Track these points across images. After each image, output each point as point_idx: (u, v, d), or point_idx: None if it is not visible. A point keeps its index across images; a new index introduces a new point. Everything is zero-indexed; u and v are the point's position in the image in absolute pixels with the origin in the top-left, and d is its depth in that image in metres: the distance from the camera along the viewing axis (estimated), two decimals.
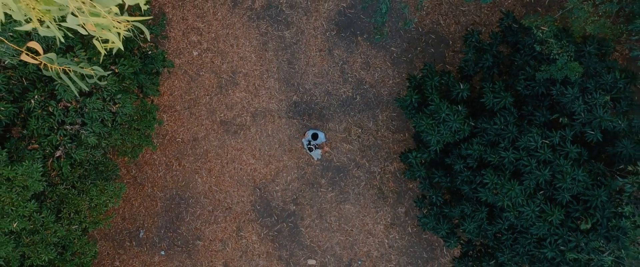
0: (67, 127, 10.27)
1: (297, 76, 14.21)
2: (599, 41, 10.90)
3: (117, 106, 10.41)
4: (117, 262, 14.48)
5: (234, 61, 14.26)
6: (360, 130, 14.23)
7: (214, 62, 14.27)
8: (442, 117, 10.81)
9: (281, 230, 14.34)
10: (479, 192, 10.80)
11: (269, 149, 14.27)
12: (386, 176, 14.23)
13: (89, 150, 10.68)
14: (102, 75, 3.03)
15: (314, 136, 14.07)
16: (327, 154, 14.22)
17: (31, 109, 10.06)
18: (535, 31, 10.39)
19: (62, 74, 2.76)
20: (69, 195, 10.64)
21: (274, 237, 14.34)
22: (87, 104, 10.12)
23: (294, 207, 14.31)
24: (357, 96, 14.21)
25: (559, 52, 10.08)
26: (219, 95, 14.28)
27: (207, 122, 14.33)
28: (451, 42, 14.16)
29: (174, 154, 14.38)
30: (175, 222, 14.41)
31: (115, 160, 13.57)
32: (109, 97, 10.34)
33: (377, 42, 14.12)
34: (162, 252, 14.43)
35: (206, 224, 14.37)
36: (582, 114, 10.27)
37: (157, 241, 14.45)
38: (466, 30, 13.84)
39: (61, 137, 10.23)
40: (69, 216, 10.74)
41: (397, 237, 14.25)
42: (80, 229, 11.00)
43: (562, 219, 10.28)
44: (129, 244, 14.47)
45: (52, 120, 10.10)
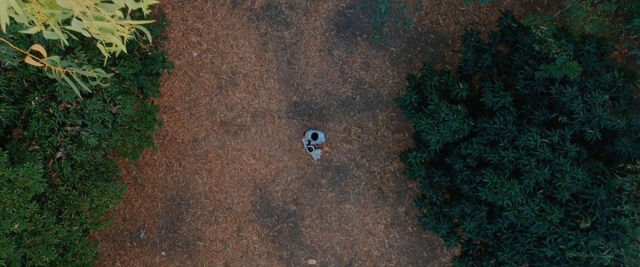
0: (68, 128, 10.29)
1: (297, 76, 14.23)
2: (598, 40, 10.91)
3: (117, 107, 10.42)
4: (118, 263, 14.50)
5: (233, 62, 14.28)
6: (360, 130, 14.24)
7: (213, 63, 14.29)
8: (441, 117, 10.82)
9: (281, 230, 14.36)
10: (479, 192, 10.82)
11: (269, 149, 14.29)
12: (386, 176, 14.25)
13: (90, 151, 10.69)
14: (104, 77, 3.06)
15: (314, 136, 14.08)
16: (327, 154, 14.23)
17: (32, 111, 10.08)
18: (534, 30, 10.40)
19: (65, 76, 2.79)
20: (70, 196, 10.66)
21: (274, 237, 14.35)
22: (87, 106, 10.14)
23: (295, 207, 14.33)
24: (357, 96, 14.23)
25: (558, 51, 10.10)
26: (219, 95, 14.30)
27: (207, 123, 14.34)
28: (450, 42, 14.18)
29: (174, 155, 14.39)
30: (175, 223, 14.43)
31: (115, 161, 13.58)
32: (109, 99, 10.36)
33: (377, 42, 14.14)
34: (163, 253, 14.44)
35: (207, 224, 14.38)
36: (581, 113, 10.28)
37: (157, 242, 14.46)
38: (465, 29, 13.86)
39: (62, 139, 10.25)
40: (69, 217, 10.75)
41: (398, 236, 14.26)
42: (81, 230, 11.01)
43: (561, 217, 10.29)
44: (129, 244, 14.48)
45: (52, 121, 10.12)
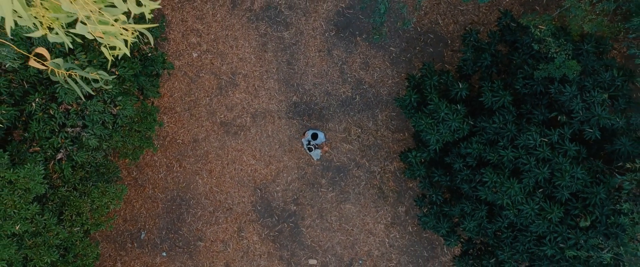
0: (68, 129, 10.31)
1: (297, 77, 14.25)
2: (597, 39, 10.93)
3: (117, 108, 10.45)
4: (119, 264, 14.52)
5: (233, 62, 14.30)
6: (360, 130, 14.27)
7: (213, 64, 14.31)
8: (441, 117, 10.84)
9: (282, 230, 14.38)
10: (479, 191, 10.84)
11: (269, 149, 14.31)
12: (386, 176, 14.27)
13: (90, 152, 10.72)
14: (107, 79, 3.10)
15: (314, 136, 14.10)
16: (327, 154, 14.26)
17: (32, 112, 10.10)
18: (533, 30, 10.42)
19: (68, 78, 2.83)
20: (71, 197, 10.68)
21: (274, 237, 14.37)
22: (88, 107, 10.16)
23: (295, 207, 14.35)
24: (357, 96, 14.25)
25: (557, 50, 10.12)
26: (218, 96, 14.32)
27: (207, 124, 14.36)
28: (450, 42, 14.21)
29: (175, 156, 14.42)
30: (176, 224, 14.45)
31: (116, 162, 13.61)
32: (109, 100, 10.38)
33: (376, 42, 14.17)
34: (164, 254, 14.47)
35: (207, 225, 14.40)
36: (581, 112, 10.30)
37: (158, 242, 14.48)
38: (464, 29, 13.88)
39: (62, 140, 10.27)
40: (70, 218, 10.78)
41: (398, 236, 14.28)
42: (82, 231, 11.03)
43: (561, 216, 10.31)
44: (130, 245, 14.51)
45: (53, 123, 10.14)
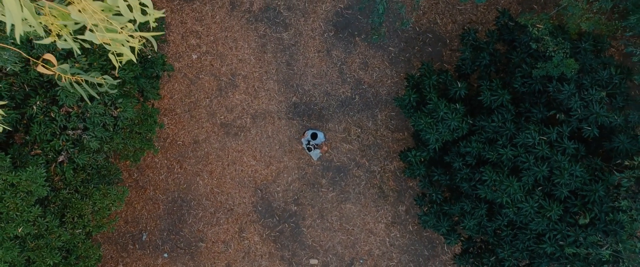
0: (69, 132, 10.35)
1: (296, 77, 14.29)
2: (595, 38, 10.97)
3: (118, 110, 10.49)
4: (121, 266, 14.56)
5: (233, 64, 14.34)
6: (359, 130, 14.31)
7: (213, 65, 14.36)
8: (440, 116, 10.88)
9: (283, 230, 14.42)
10: (478, 189, 10.88)
11: (269, 150, 14.36)
12: (386, 175, 14.32)
13: (92, 154, 10.76)
14: (111, 84, 3.17)
15: (313, 136, 14.14)
16: (327, 154, 14.30)
17: (33, 115, 10.14)
18: (531, 29, 10.46)
19: (74, 83, 2.90)
20: (73, 199, 10.72)
21: (275, 237, 14.41)
22: (88, 109, 10.20)
23: (295, 207, 14.39)
24: (356, 96, 14.30)
25: (555, 49, 10.16)
26: (218, 97, 14.37)
27: (207, 125, 14.41)
28: (448, 41, 14.25)
29: (175, 157, 14.46)
30: (177, 225, 14.49)
31: (117, 164, 13.66)
32: (110, 102, 10.43)
33: (375, 42, 14.21)
34: (165, 255, 14.51)
35: (208, 225, 14.45)
36: (579, 110, 10.35)
37: (160, 244, 14.53)
38: (463, 29, 13.92)
39: (63, 142, 10.32)
40: (72, 220, 10.82)
41: (398, 235, 14.33)
42: (84, 233, 11.07)
43: (560, 214, 10.36)
44: (132, 247, 14.55)
45: (54, 125, 10.19)
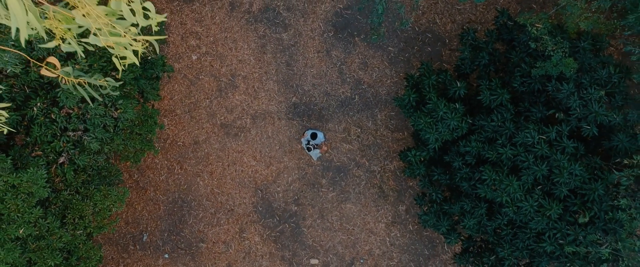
0: (70, 133, 10.38)
1: (296, 78, 14.32)
2: (593, 37, 10.99)
3: (118, 112, 10.52)
4: (122, 266, 14.59)
5: (232, 64, 14.37)
6: (359, 130, 14.34)
7: (213, 66, 14.38)
8: (440, 116, 10.91)
9: (283, 230, 14.45)
10: (478, 189, 10.90)
11: (269, 150, 14.38)
12: (386, 175, 14.34)
13: (92, 155, 10.79)
14: (114, 86, 3.21)
15: (313, 136, 14.17)
16: (327, 154, 14.33)
17: (34, 117, 10.17)
18: (530, 28, 10.49)
19: (77, 85, 2.94)
20: (73, 200, 10.75)
21: (276, 237, 14.44)
22: (89, 111, 10.23)
23: (296, 207, 14.42)
24: (356, 96, 14.33)
25: (554, 48, 10.19)
26: (218, 98, 14.40)
27: (207, 125, 14.44)
28: (447, 41, 14.28)
29: (176, 158, 14.49)
30: (178, 225, 14.52)
31: (117, 165, 13.68)
32: (110, 103, 10.45)
33: (374, 43, 14.24)
34: (166, 256, 14.53)
35: (209, 226, 14.47)
36: (578, 109, 10.37)
37: (160, 245, 14.55)
38: (462, 28, 13.95)
39: (64, 144, 10.35)
40: (73, 221, 10.85)
41: (399, 235, 14.35)
42: (84, 234, 11.10)
43: (560, 213, 10.38)
44: (132, 248, 14.58)
45: (54, 127, 10.21)
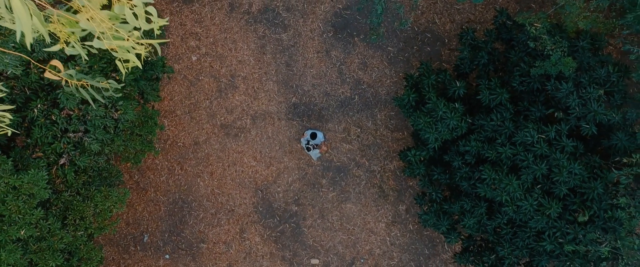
0: (71, 134, 10.40)
1: (296, 78, 14.35)
2: (592, 36, 11.02)
3: (119, 113, 10.54)
4: None
5: (232, 65, 14.40)
6: (359, 129, 14.36)
7: (213, 67, 14.41)
8: (439, 115, 10.93)
9: (284, 231, 14.47)
10: (478, 188, 10.92)
11: (269, 151, 14.41)
12: (386, 175, 14.37)
13: (93, 157, 10.81)
14: (116, 87, 3.24)
15: (313, 136, 14.19)
16: (327, 154, 14.35)
17: (34, 118, 10.20)
18: (528, 28, 10.51)
19: (80, 88, 2.98)
20: (74, 201, 10.78)
21: (276, 238, 14.47)
22: (89, 112, 10.26)
23: (296, 207, 14.44)
24: (356, 96, 14.35)
25: (553, 47, 10.21)
26: (218, 99, 14.42)
27: (207, 126, 14.46)
28: (447, 41, 14.30)
29: (176, 159, 14.51)
30: (178, 226, 14.54)
31: (118, 166, 13.71)
32: (110, 104, 10.48)
33: (374, 43, 14.27)
34: (167, 256, 14.56)
35: (209, 226, 14.50)
36: (577, 108, 10.39)
37: (161, 245, 14.58)
38: (461, 28, 13.98)
39: (65, 145, 10.37)
40: (74, 222, 10.87)
41: (399, 234, 14.38)
42: (85, 235, 11.13)
43: (559, 212, 10.40)
44: (133, 248, 14.60)
45: (55, 128, 10.24)
